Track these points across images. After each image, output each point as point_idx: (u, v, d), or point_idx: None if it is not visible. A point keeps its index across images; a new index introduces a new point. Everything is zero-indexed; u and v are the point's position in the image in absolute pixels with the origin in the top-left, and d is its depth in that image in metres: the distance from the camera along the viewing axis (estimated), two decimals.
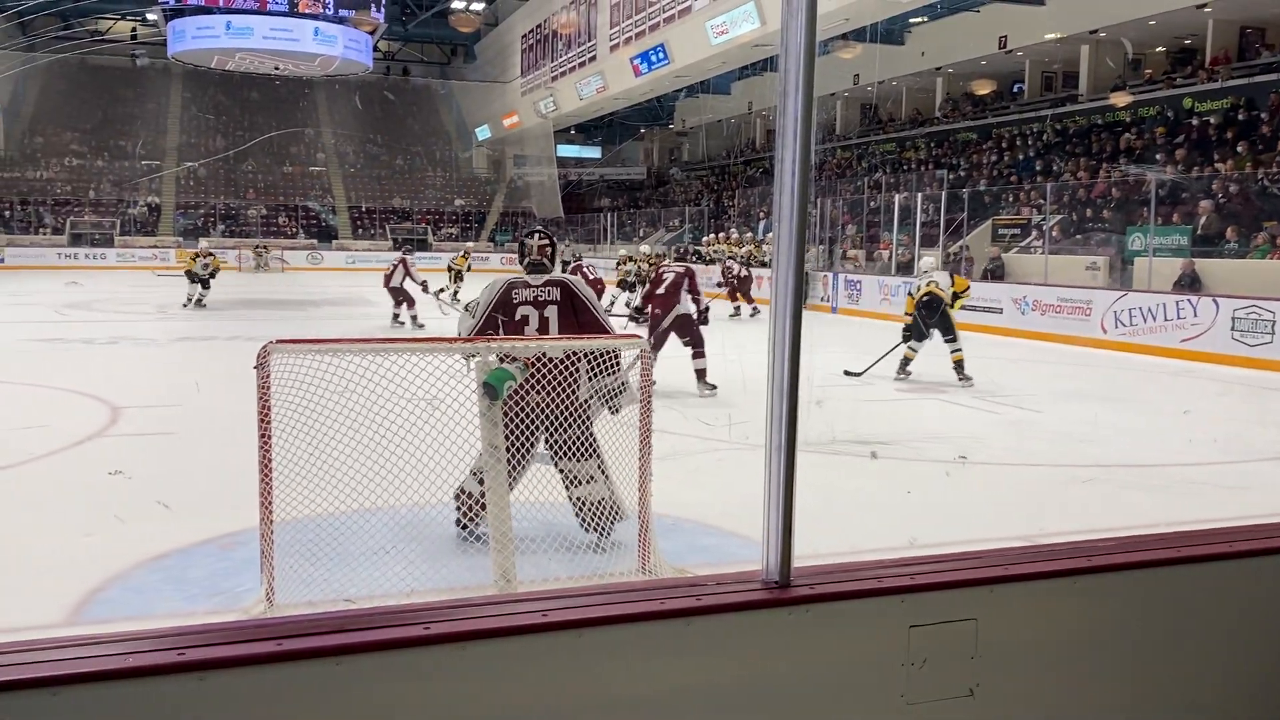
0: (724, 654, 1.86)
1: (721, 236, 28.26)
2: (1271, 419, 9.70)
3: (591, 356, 4.49)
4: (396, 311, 16.59)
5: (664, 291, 10.01)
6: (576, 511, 4.66)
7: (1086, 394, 10.50)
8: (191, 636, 1.63)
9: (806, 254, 1.91)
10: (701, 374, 9.79)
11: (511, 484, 4.09)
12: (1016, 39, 26.12)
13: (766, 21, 24.24)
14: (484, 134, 47.95)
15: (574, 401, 4.43)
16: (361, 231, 44.49)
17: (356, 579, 3.90)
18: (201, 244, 22.36)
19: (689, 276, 10.07)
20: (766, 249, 23.95)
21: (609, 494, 4.58)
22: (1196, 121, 21.00)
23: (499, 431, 3.93)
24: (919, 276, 11.27)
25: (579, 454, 4.53)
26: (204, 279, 20.19)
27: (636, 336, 4.33)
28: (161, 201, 43.24)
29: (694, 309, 10.01)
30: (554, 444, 4.54)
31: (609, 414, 4.52)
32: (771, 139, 11.12)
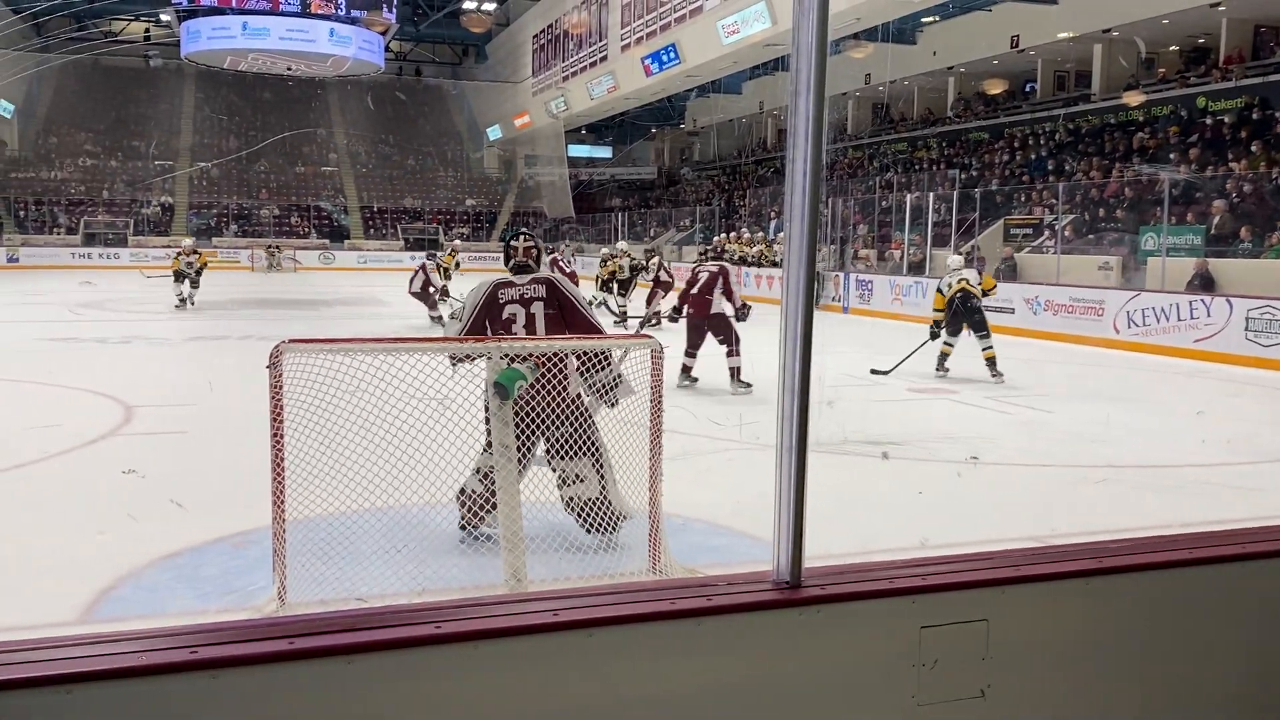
0: (735, 654, 1.86)
1: (733, 236, 28.24)
2: None
3: (582, 354, 4.48)
4: (433, 314, 16.73)
5: (698, 291, 10.06)
6: (568, 511, 4.66)
7: (1099, 394, 10.46)
8: (204, 635, 1.64)
9: (818, 254, 1.91)
10: (736, 372, 9.86)
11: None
12: (1029, 38, 26.03)
13: (778, 21, 24.21)
14: (495, 134, 48.03)
15: (564, 399, 4.43)
16: (373, 231, 44.61)
17: (368, 578, 3.91)
18: (185, 242, 21.76)
19: (723, 275, 10.08)
20: (778, 249, 23.92)
21: (600, 494, 4.57)
22: (1210, 121, 20.91)
23: (510, 431, 3.93)
24: (948, 274, 11.40)
25: (569, 453, 4.52)
26: (191, 276, 19.72)
27: (649, 337, 4.32)
28: (174, 201, 43.43)
29: (729, 307, 10.08)
30: (548, 442, 4.53)
31: (607, 409, 4.50)
32: (783, 138, 11.12)
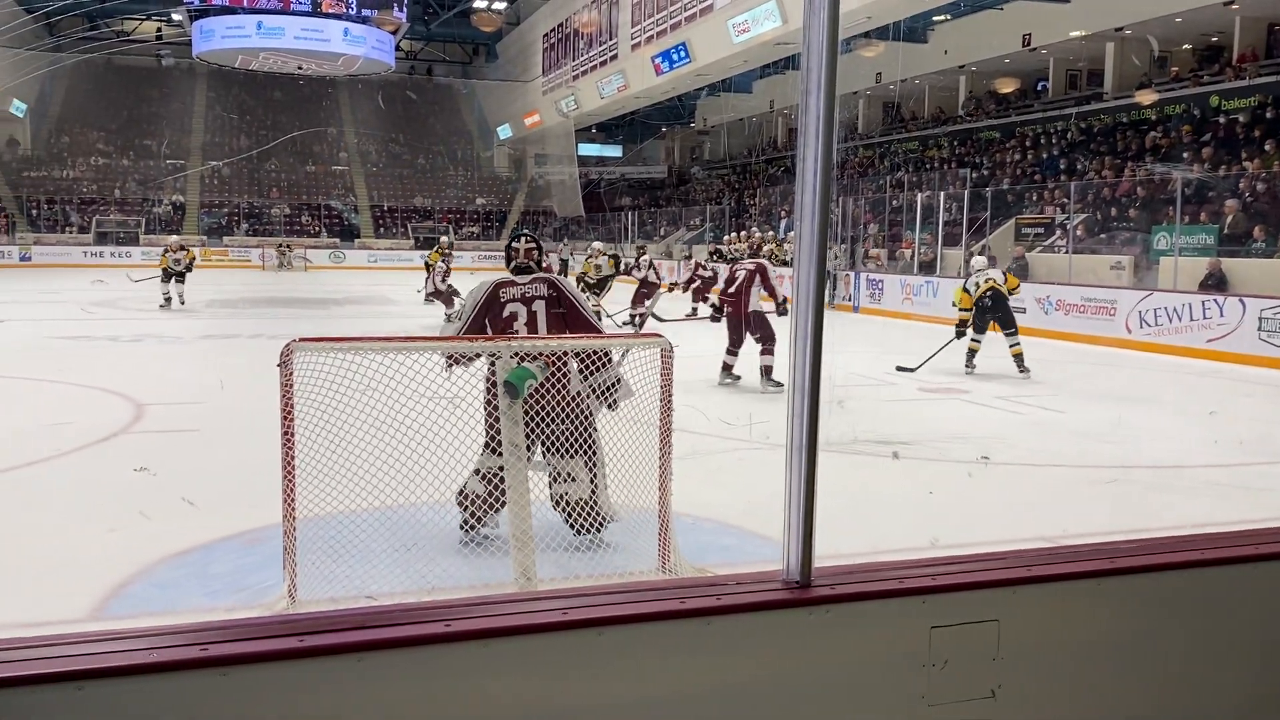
0: (744, 653, 1.86)
1: (742, 235, 28.21)
2: None
3: (582, 354, 4.48)
4: (448, 312, 16.78)
5: (735, 290, 10.07)
6: (554, 505, 4.65)
7: (1111, 394, 10.42)
8: (215, 632, 1.64)
9: (830, 254, 1.91)
10: (768, 370, 9.88)
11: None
12: (1041, 37, 25.94)
13: (788, 20, 24.17)
14: (505, 133, 48.06)
15: (562, 397, 4.43)
16: (384, 230, 44.69)
17: (378, 576, 3.92)
18: (172, 239, 21.07)
19: (760, 273, 10.10)
20: (788, 248, 23.87)
21: (590, 496, 4.57)
22: (1223, 120, 20.82)
23: (520, 430, 3.93)
24: (975, 274, 11.70)
25: (564, 450, 4.52)
26: (179, 273, 19.11)
27: (658, 335, 4.31)
28: (186, 200, 43.58)
29: (768, 305, 10.16)
30: (544, 439, 4.53)
31: (607, 410, 4.50)
32: (793, 137, 11.14)
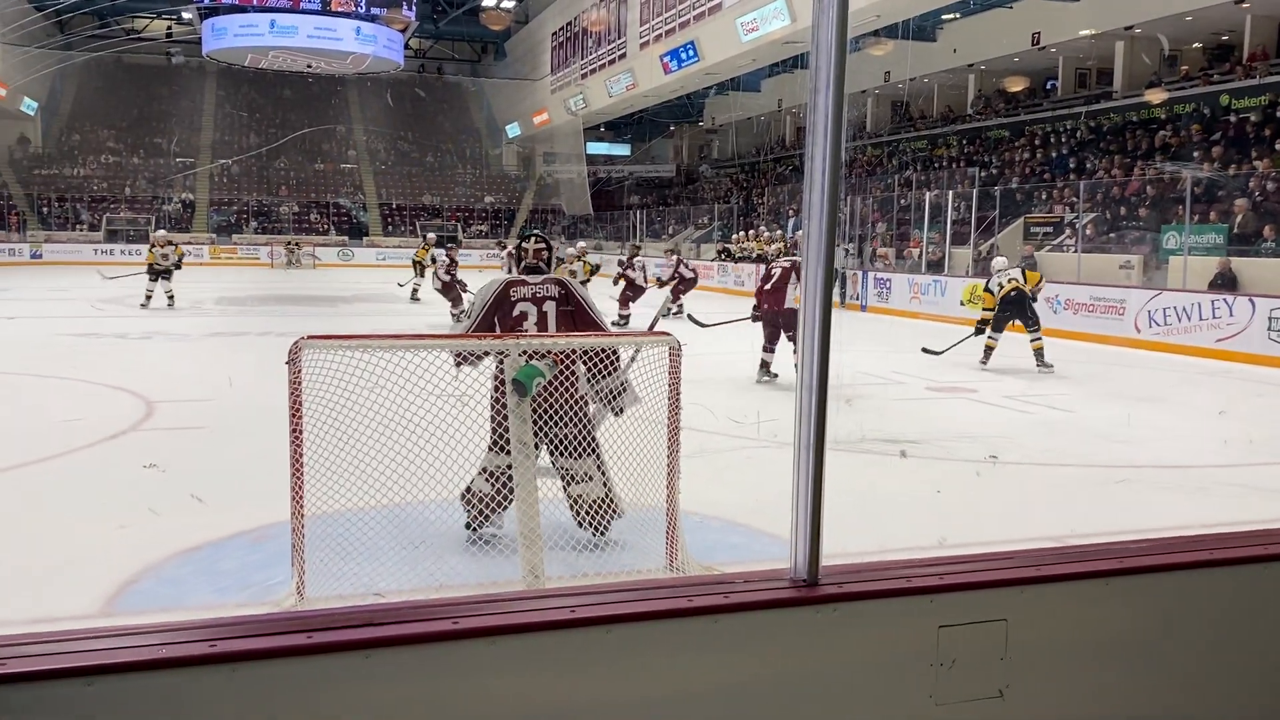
0: (751, 652, 1.86)
1: (751, 234, 28.18)
2: None
3: (590, 358, 4.47)
4: (454, 311, 16.70)
5: (771, 287, 10.06)
6: (572, 508, 4.66)
7: (1119, 394, 10.39)
8: (223, 628, 1.65)
9: (840, 252, 1.91)
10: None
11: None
12: (1050, 35, 25.86)
13: (797, 18, 24.14)
14: (514, 131, 48.10)
15: (571, 398, 4.43)
16: (392, 228, 44.75)
17: (386, 574, 3.92)
18: (159, 234, 20.07)
19: (796, 271, 10.05)
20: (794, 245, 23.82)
21: (605, 492, 4.59)
22: (1234, 118, 20.73)
23: (529, 428, 3.93)
24: (996, 275, 11.96)
25: (577, 451, 4.52)
26: (165, 270, 18.28)
27: (666, 334, 4.30)
28: (196, 198, 43.70)
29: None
30: (551, 441, 4.54)
31: (613, 416, 4.49)
32: (801, 136, 11.19)
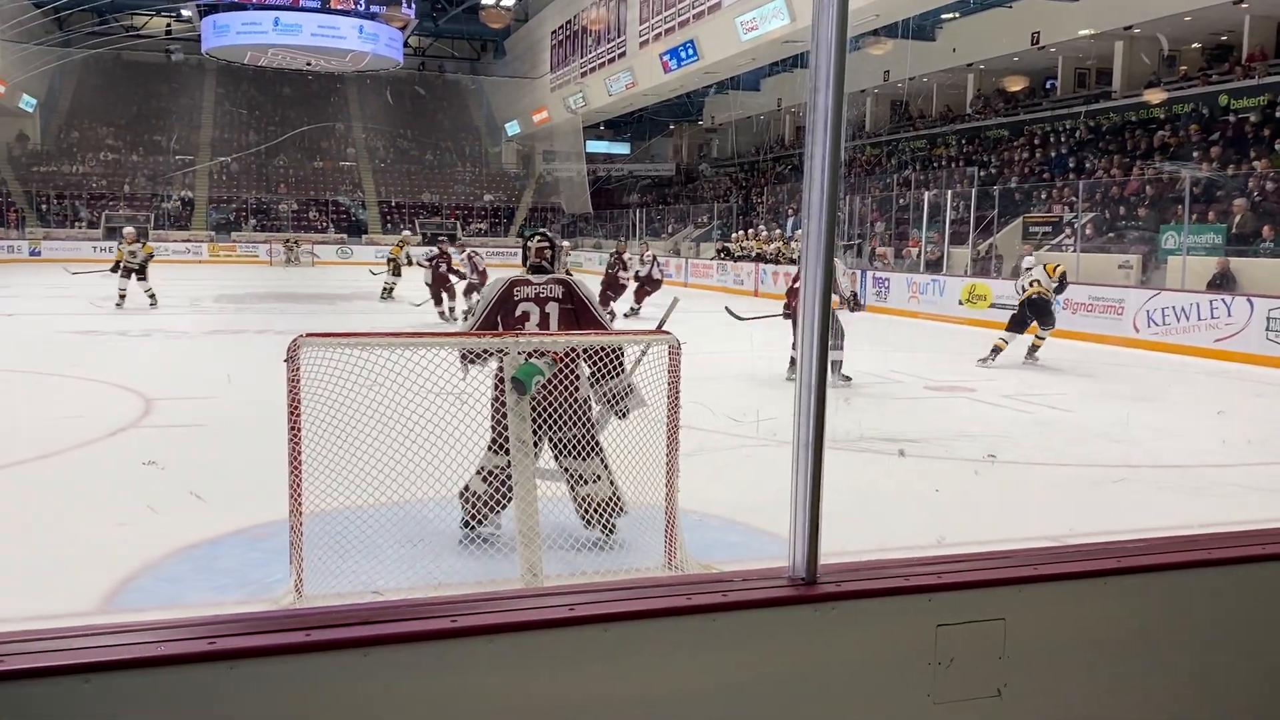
0: (749, 650, 1.86)
1: (750, 233, 28.19)
2: None
3: (594, 360, 4.47)
4: (441, 309, 16.60)
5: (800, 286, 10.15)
6: (579, 509, 4.66)
7: (1118, 393, 10.39)
8: (222, 626, 1.65)
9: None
10: (837, 365, 10.09)
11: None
12: (1049, 35, 25.86)
13: (796, 18, 24.15)
14: (513, 129, 48.10)
15: (575, 399, 4.42)
16: (391, 226, 44.72)
17: (384, 572, 3.92)
18: (127, 230, 19.22)
19: None
20: (795, 245, 23.86)
21: (613, 492, 4.59)
22: (1233, 119, 20.74)
23: (527, 426, 3.94)
24: (1023, 275, 12.01)
25: (583, 453, 4.52)
26: (135, 268, 17.68)
27: (667, 333, 4.30)
28: (195, 196, 43.69)
29: (835, 299, 10.23)
30: (556, 443, 4.52)
31: (617, 420, 4.48)
32: (801, 136, 11.23)
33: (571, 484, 4.64)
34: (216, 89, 48.15)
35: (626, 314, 17.67)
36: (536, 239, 5.19)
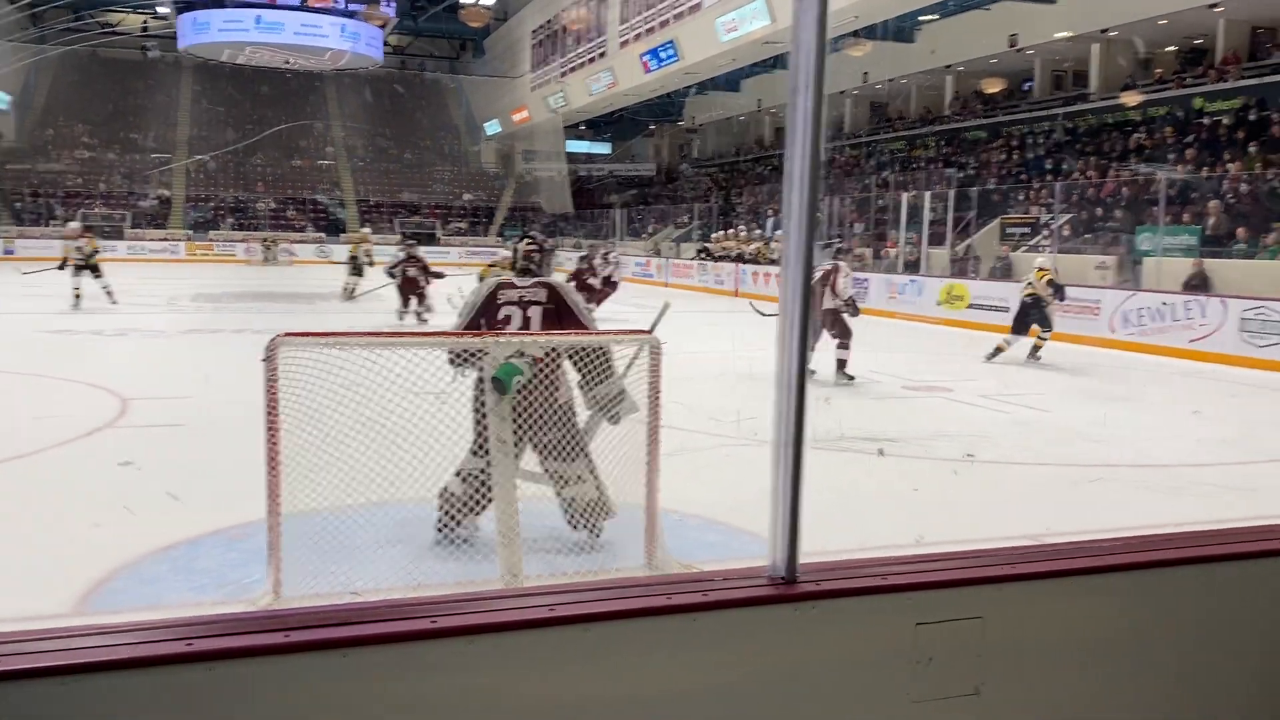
0: (730, 649, 1.86)
1: (730, 233, 28.23)
2: None
3: (582, 364, 4.46)
4: (405, 311, 16.43)
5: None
6: (565, 511, 4.65)
7: (1095, 393, 10.47)
8: (200, 627, 1.64)
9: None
10: (842, 364, 10.43)
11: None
12: (1027, 37, 26.03)
13: (776, 19, 24.19)
14: (493, 129, 47.96)
15: (558, 401, 4.41)
16: (370, 225, 44.54)
17: (363, 572, 3.91)
18: (71, 225, 18.60)
19: (834, 273, 10.70)
20: (775, 246, 23.90)
21: (598, 493, 4.58)
22: (1207, 121, 20.93)
23: (508, 426, 3.93)
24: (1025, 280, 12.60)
25: (567, 455, 4.51)
26: (83, 264, 17.38)
27: (647, 333, 4.30)
28: (172, 194, 43.34)
29: (837, 302, 10.65)
30: (540, 445, 4.51)
31: (609, 425, 4.47)
32: (781, 136, 11.27)
33: (556, 485, 4.63)
34: (194, 87, 47.81)
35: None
36: (525, 242, 5.19)
